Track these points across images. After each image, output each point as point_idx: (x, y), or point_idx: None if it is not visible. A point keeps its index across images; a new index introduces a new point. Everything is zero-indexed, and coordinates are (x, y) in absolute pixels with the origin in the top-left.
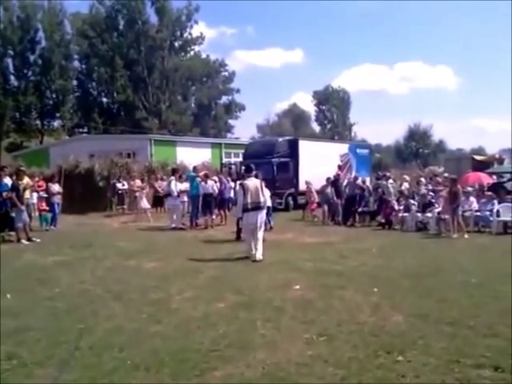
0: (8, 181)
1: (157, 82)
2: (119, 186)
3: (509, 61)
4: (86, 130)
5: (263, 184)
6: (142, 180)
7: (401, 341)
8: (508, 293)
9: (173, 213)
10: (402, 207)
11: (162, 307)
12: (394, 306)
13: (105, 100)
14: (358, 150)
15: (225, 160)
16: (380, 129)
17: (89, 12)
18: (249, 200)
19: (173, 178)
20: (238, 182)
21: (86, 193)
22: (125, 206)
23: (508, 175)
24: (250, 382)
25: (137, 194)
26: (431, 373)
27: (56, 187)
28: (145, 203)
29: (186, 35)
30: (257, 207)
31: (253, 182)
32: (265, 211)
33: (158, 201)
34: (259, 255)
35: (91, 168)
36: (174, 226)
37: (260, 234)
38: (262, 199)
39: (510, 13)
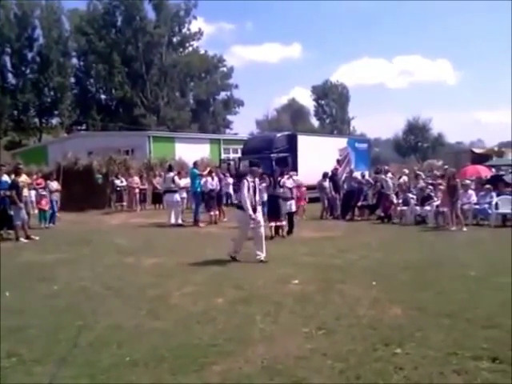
0: (6, 179)
1: (155, 78)
2: (118, 182)
3: (508, 54)
4: (84, 127)
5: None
6: (141, 177)
7: (399, 333)
8: (507, 285)
9: (172, 209)
10: (400, 201)
11: (161, 303)
12: (393, 299)
13: (103, 97)
14: (357, 145)
15: (223, 156)
16: (379, 123)
17: (86, 9)
18: None
19: (172, 173)
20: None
21: (85, 190)
22: (124, 203)
23: (508, 168)
24: (248, 376)
25: (136, 191)
26: (429, 365)
27: (54, 185)
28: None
29: (184, 31)
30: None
31: None
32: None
33: (156, 198)
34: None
35: (90, 165)
36: (173, 222)
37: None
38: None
39: (509, 7)
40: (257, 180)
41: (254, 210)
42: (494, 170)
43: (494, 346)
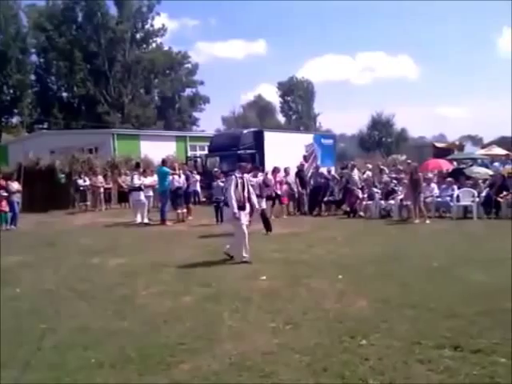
0: None
1: (118, 74)
2: (81, 182)
3: (466, 49)
4: (45, 125)
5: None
6: (105, 176)
7: (364, 325)
8: (468, 276)
9: (138, 208)
10: (366, 195)
11: (127, 304)
12: (358, 291)
13: (65, 94)
14: (323, 140)
15: (190, 153)
16: (345, 119)
17: (45, 4)
18: None
19: (135, 172)
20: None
21: (48, 190)
22: (88, 203)
23: (468, 161)
24: (216, 373)
25: (101, 190)
26: (394, 355)
27: (15, 185)
28: None
29: (147, 27)
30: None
31: None
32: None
33: (122, 196)
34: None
35: (52, 165)
36: (139, 221)
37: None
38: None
39: (468, 4)
40: (246, 176)
41: (243, 207)
42: (455, 163)
43: (456, 334)
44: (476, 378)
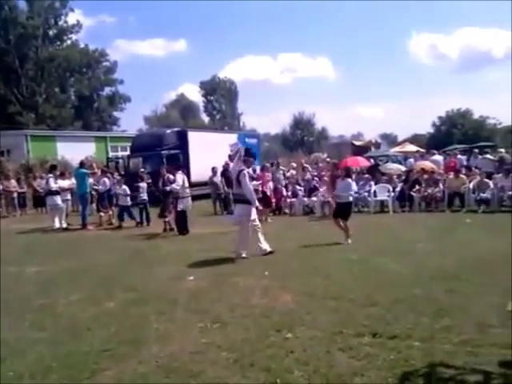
0: None
1: (31, 72)
2: None
3: (379, 52)
4: None
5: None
6: (19, 179)
7: (289, 318)
8: (384, 266)
9: (55, 213)
10: (289, 193)
11: (46, 313)
12: (283, 286)
13: None
14: (247, 140)
15: (111, 154)
16: (268, 118)
17: None
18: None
19: (51, 175)
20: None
21: None
22: (0, 209)
23: (383, 158)
24: (143, 376)
25: (14, 195)
26: (317, 345)
27: None
28: None
29: (60, 23)
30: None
31: None
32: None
33: (38, 201)
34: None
35: None
36: (57, 226)
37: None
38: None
39: (376, 7)
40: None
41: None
42: (372, 160)
43: (374, 322)
44: (393, 362)
